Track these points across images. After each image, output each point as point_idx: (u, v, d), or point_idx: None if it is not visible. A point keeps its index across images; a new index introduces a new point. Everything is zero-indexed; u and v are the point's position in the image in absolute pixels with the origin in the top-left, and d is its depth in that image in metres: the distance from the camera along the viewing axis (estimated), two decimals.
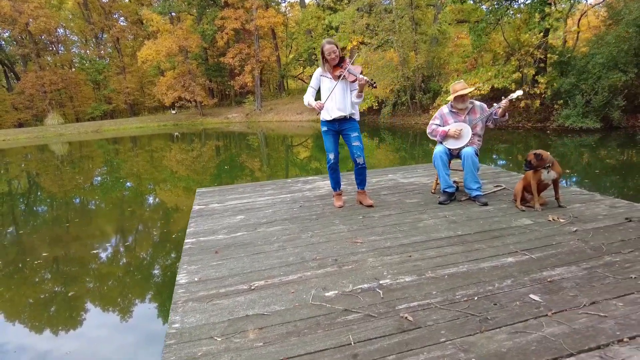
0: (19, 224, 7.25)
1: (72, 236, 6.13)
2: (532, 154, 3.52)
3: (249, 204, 4.50)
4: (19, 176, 13.93)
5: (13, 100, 34.11)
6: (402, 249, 2.99)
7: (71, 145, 23.20)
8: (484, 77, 14.50)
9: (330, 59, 3.76)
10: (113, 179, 12.46)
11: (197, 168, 13.13)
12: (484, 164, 6.18)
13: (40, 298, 4.14)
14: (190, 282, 2.72)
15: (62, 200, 9.34)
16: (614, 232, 3.05)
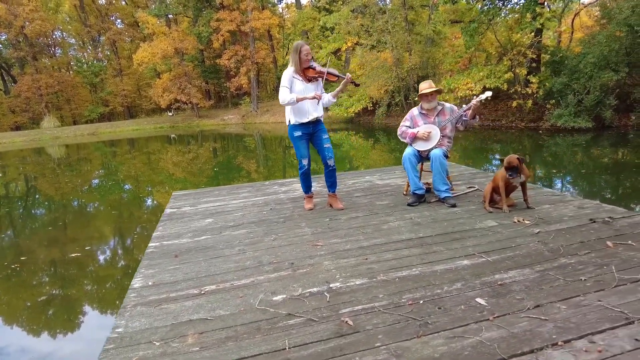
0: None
1: (52, 239, 6.12)
2: (515, 159, 3.42)
3: (221, 207, 4.48)
4: (16, 179, 13.92)
5: (10, 103, 34.17)
6: (360, 251, 2.96)
7: (68, 148, 23.24)
8: (476, 77, 14.48)
9: (306, 59, 3.73)
10: (108, 181, 12.48)
11: (194, 170, 13.15)
12: (463, 164, 6.17)
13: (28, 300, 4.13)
14: (144, 286, 2.70)
15: (55, 202, 9.33)
16: (575, 233, 3.02)
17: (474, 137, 14.75)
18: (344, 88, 3.83)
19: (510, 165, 3.42)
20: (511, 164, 3.42)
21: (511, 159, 3.43)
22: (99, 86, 38.90)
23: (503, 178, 3.55)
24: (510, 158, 3.43)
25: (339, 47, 25.06)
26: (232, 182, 9.63)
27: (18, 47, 33.03)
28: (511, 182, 3.54)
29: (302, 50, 3.69)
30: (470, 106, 3.90)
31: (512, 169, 3.43)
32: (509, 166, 3.43)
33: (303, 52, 3.69)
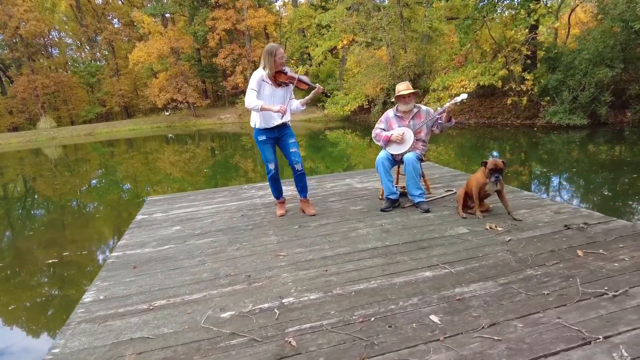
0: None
1: (35, 242, 6.02)
2: (501, 162, 3.30)
3: (192, 213, 4.37)
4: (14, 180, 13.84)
5: (6, 104, 34.12)
6: (322, 262, 2.85)
7: (64, 149, 23.19)
8: (470, 74, 14.32)
9: (280, 63, 3.60)
10: (104, 183, 12.47)
11: (192, 170, 13.12)
12: (459, 162, 6.05)
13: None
14: (94, 301, 2.59)
15: (44, 206, 9.23)
16: (547, 241, 2.90)
17: (470, 135, 14.62)
18: (313, 97, 3.71)
19: (497, 167, 3.28)
20: (497, 166, 3.28)
21: (497, 161, 3.29)
22: (95, 86, 38.81)
23: (478, 184, 3.43)
24: (496, 160, 3.30)
25: (334, 45, 24.90)
26: (230, 181, 9.61)
27: (14, 48, 32.96)
28: (486, 189, 3.41)
29: (277, 53, 3.55)
30: (445, 109, 3.78)
31: (498, 171, 3.29)
32: (495, 168, 3.28)
33: (278, 55, 3.55)
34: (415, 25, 21.05)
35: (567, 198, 6.26)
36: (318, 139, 19.05)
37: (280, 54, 3.55)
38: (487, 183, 3.38)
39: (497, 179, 3.30)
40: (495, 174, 3.29)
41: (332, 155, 13.87)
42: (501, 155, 11.01)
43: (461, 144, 13.42)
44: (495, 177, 3.29)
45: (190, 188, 10.04)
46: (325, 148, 15.73)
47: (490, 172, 3.30)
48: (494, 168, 3.29)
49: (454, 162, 10.70)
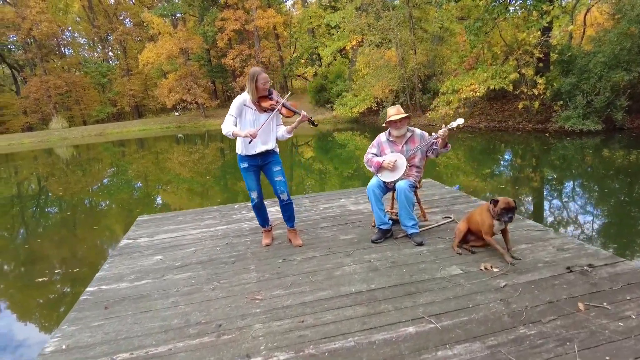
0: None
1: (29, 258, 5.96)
2: (513, 201, 3.03)
3: (177, 238, 4.21)
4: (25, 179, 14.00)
5: (20, 105, 34.64)
6: (300, 309, 2.65)
7: (76, 149, 23.43)
8: (481, 77, 13.93)
9: (263, 88, 3.41)
10: (114, 181, 12.61)
11: (201, 170, 13.19)
12: (469, 167, 5.79)
13: None
14: (56, 351, 2.44)
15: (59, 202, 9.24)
16: (545, 288, 2.65)
17: (481, 138, 14.27)
18: (298, 125, 3.51)
19: (510, 207, 3.01)
20: (510, 206, 3.01)
21: (509, 200, 3.03)
22: (107, 86, 39.15)
23: (486, 225, 3.13)
24: (509, 200, 3.03)
25: (344, 46, 24.61)
26: (240, 182, 9.54)
27: (27, 49, 33.41)
28: (494, 231, 3.14)
29: (259, 78, 3.36)
30: (440, 135, 3.54)
31: (511, 211, 3.02)
32: (508, 207, 3.01)
33: (260, 80, 3.36)
34: (426, 25, 20.64)
35: (575, 217, 5.94)
36: (326, 140, 18.89)
37: (263, 79, 3.36)
38: (494, 224, 3.12)
39: (511, 219, 3.03)
40: (509, 213, 3.02)
41: (340, 157, 13.71)
42: (511, 161, 10.69)
43: (471, 147, 13.09)
44: (509, 217, 3.02)
45: (199, 188, 10.15)
46: (333, 149, 15.58)
47: (503, 212, 3.02)
48: (507, 207, 3.01)
49: (464, 166, 10.43)
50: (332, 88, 25.61)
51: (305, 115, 3.40)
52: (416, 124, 18.62)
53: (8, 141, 27.23)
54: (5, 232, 7.94)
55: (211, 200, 9.00)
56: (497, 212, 3.03)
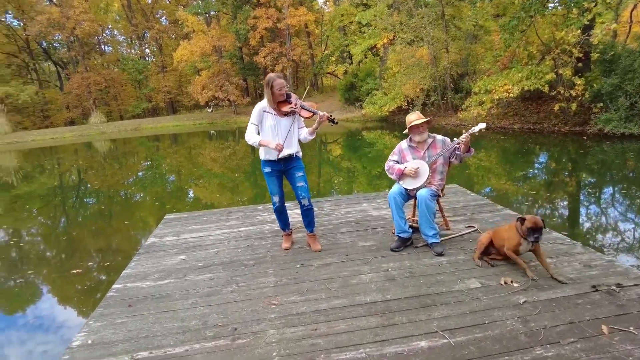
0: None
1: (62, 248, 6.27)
2: (541, 220, 2.92)
3: (202, 238, 4.32)
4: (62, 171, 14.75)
5: (64, 100, 36.36)
6: (314, 317, 2.67)
7: (114, 143, 24.40)
8: (515, 78, 13.49)
9: (279, 94, 3.47)
10: (149, 174, 13.17)
11: (232, 165, 13.54)
12: (501, 169, 5.66)
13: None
14: (82, 346, 2.57)
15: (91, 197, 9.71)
16: (568, 307, 2.57)
17: (514, 140, 13.85)
18: (319, 125, 3.52)
19: (537, 226, 2.90)
20: (538, 225, 2.90)
21: (537, 219, 2.91)
22: (143, 83, 40.45)
23: (512, 244, 3.02)
24: (536, 218, 2.92)
25: (375, 44, 24.39)
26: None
27: (71, 47, 35.00)
28: (521, 251, 3.03)
29: (275, 84, 3.41)
30: (462, 140, 3.47)
31: (539, 230, 2.91)
32: (536, 227, 2.90)
33: (275, 86, 3.41)
34: (460, 23, 20.16)
35: (609, 229, 5.68)
36: (355, 139, 18.86)
37: (278, 85, 3.40)
38: (521, 243, 3.01)
39: (537, 240, 2.92)
40: (535, 233, 2.90)
41: (368, 156, 13.66)
42: (545, 165, 10.33)
43: (504, 149, 12.74)
44: (535, 237, 2.91)
45: (229, 184, 10.41)
46: (362, 148, 15.54)
47: (529, 232, 2.92)
48: (534, 227, 2.90)
49: (495, 168, 10.18)
50: (362, 86, 25.46)
51: (324, 115, 3.41)
52: (447, 124, 18.28)
53: (52, 135, 28.66)
54: (49, 220, 8.42)
55: (240, 196, 9.21)
56: (524, 231, 2.93)
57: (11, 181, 13.70)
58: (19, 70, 38.41)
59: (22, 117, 34.07)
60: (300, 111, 3.47)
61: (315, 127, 3.55)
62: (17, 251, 6.47)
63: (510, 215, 4.34)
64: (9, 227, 8.01)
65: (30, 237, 7.28)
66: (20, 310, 4.56)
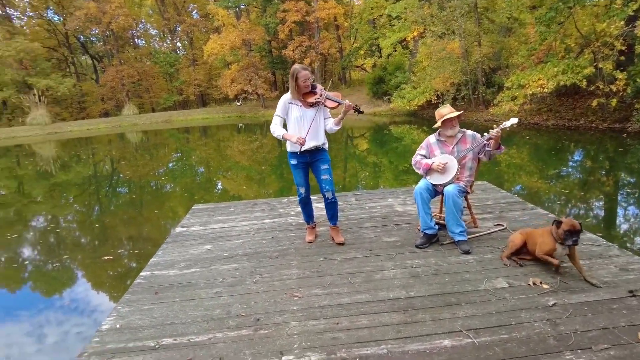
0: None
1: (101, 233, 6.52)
2: (578, 223, 2.80)
3: (227, 229, 4.39)
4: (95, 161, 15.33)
5: (99, 92, 37.64)
6: (335, 311, 2.67)
7: (145, 134, 25.09)
8: (550, 73, 12.98)
9: (304, 85, 3.47)
10: (179, 166, 13.54)
11: (259, 158, 13.74)
12: (533, 166, 5.45)
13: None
14: (110, 329, 2.66)
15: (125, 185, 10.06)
16: (601, 312, 2.46)
17: (548, 137, 13.37)
18: (345, 115, 3.50)
19: (575, 229, 2.78)
20: (575, 228, 2.78)
21: (574, 222, 2.80)
22: (174, 76, 41.32)
23: (546, 248, 2.92)
24: (573, 221, 2.80)
25: (404, 37, 24.00)
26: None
27: (106, 41, 36.15)
28: (555, 256, 2.91)
29: (299, 76, 3.41)
30: (493, 135, 3.37)
31: (576, 233, 2.78)
32: (574, 229, 2.77)
33: (300, 78, 3.41)
34: (493, 15, 19.53)
35: None
36: (382, 133, 18.69)
37: (303, 77, 3.40)
38: (556, 248, 2.89)
39: (575, 243, 2.80)
40: (573, 236, 2.79)
41: (395, 150, 13.52)
42: (581, 163, 9.93)
43: (537, 146, 12.32)
44: (573, 240, 2.79)
45: (256, 176, 10.57)
46: (389, 143, 15.40)
47: (567, 235, 2.80)
48: (572, 230, 2.78)
49: (527, 166, 9.87)
50: (390, 80, 25.13)
51: (349, 104, 3.38)
52: (478, 119, 17.84)
53: (88, 126, 29.75)
54: (83, 208, 8.76)
55: (267, 188, 9.31)
56: (561, 234, 2.82)
57: (50, 170, 14.32)
58: (58, 64, 39.96)
59: (60, 109, 35.49)
60: (325, 101, 3.45)
61: (340, 117, 3.53)
62: (55, 236, 6.76)
63: (541, 214, 4.20)
64: (47, 213, 8.39)
65: (66, 224, 7.59)
66: (56, 292, 4.77)
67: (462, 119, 3.75)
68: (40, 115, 29.54)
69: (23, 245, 6.34)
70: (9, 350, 3.53)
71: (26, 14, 37.52)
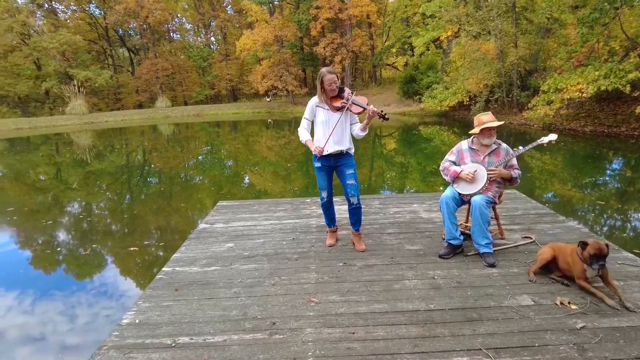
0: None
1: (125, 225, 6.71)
2: (605, 246, 2.64)
3: (250, 228, 4.41)
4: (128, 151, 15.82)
5: (134, 84, 38.79)
6: (352, 320, 2.63)
7: (177, 127, 25.68)
8: (590, 76, 12.41)
9: (330, 89, 3.44)
10: (209, 159, 13.84)
11: (286, 155, 13.86)
12: (567, 174, 5.22)
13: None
14: (130, 324, 2.72)
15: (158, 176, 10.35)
16: (635, 340, 2.31)
17: (584, 144, 12.82)
18: (370, 121, 3.44)
19: (601, 253, 2.62)
20: (602, 252, 2.61)
21: (601, 244, 2.63)
22: (206, 70, 42.05)
23: (575, 268, 2.79)
24: (600, 243, 2.63)
25: (438, 36, 23.53)
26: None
27: (143, 35, 37.18)
28: (587, 276, 2.78)
29: (325, 80, 3.39)
30: (526, 149, 3.23)
31: (602, 257, 2.63)
32: (600, 253, 2.61)
33: (325, 82, 3.39)
34: (532, 15, 18.85)
35: None
36: (411, 133, 18.44)
37: (328, 80, 3.36)
38: (585, 268, 2.76)
39: (602, 267, 2.65)
40: (599, 261, 2.63)
41: (424, 152, 13.31)
42: (620, 172, 9.45)
43: (572, 153, 11.83)
44: (599, 264, 2.64)
45: (283, 172, 10.66)
46: (418, 143, 15.18)
47: (592, 259, 2.65)
48: (598, 254, 2.63)
49: (561, 173, 9.50)
50: (422, 79, 24.71)
51: (373, 110, 3.32)
52: (511, 123, 17.30)
53: (122, 117, 30.69)
54: (115, 196, 9.05)
55: (292, 184, 9.36)
56: (586, 257, 2.67)
57: (86, 158, 14.85)
58: (97, 56, 41.37)
59: (98, 99, 36.76)
60: (350, 106, 3.41)
61: (366, 122, 3.48)
62: (88, 224, 7.00)
63: (572, 228, 4.01)
64: (81, 200, 8.69)
65: (99, 211, 7.86)
66: (85, 277, 4.93)
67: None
68: (79, 105, 30.68)
69: (57, 231, 6.61)
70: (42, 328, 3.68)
71: (70, 8, 39.02)
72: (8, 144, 19.37)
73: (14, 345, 3.49)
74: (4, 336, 3.60)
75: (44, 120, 28.14)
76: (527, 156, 10.63)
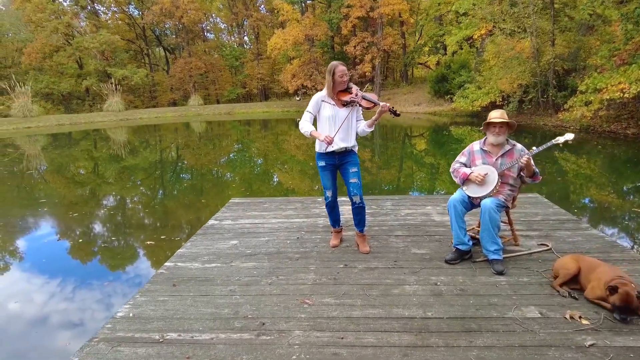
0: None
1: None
2: (636, 297, 2.36)
3: (257, 225, 4.39)
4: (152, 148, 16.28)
5: (169, 82, 39.92)
6: (344, 324, 2.53)
7: (209, 124, 26.23)
8: (634, 76, 11.67)
9: (341, 81, 3.36)
10: (239, 157, 14.13)
11: (312, 154, 13.89)
12: (590, 182, 4.91)
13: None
14: (123, 317, 2.73)
15: None
16: None
17: (626, 147, 12.06)
18: (379, 117, 3.32)
19: (628, 307, 2.36)
20: (630, 305, 2.35)
21: (631, 296, 2.35)
22: (238, 69, 42.70)
23: (599, 295, 2.57)
24: (630, 295, 2.35)
25: (471, 34, 22.85)
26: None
27: (178, 34, 38.18)
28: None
29: (337, 71, 3.30)
30: (522, 163, 3.05)
31: (630, 312, 2.38)
32: (627, 307, 2.36)
33: (337, 73, 3.30)
34: (572, 11, 17.95)
35: None
36: (441, 133, 18.05)
37: (340, 72, 3.27)
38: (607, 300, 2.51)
39: (624, 320, 2.39)
40: (622, 314, 2.38)
41: (455, 152, 12.94)
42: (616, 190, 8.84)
43: (612, 156, 11.18)
44: (621, 317, 2.39)
45: (310, 171, 10.67)
46: (448, 144, 14.82)
47: (617, 310, 2.41)
48: (625, 307, 2.37)
49: (598, 177, 8.98)
50: (454, 78, 24.09)
51: (385, 105, 3.21)
52: (546, 124, 16.57)
53: (156, 114, 31.63)
54: (148, 191, 9.29)
55: (318, 183, 9.32)
56: (612, 303, 2.43)
57: (121, 154, 15.37)
58: (134, 55, 42.81)
59: (134, 97, 38.07)
60: (360, 101, 3.31)
61: (374, 118, 3.36)
62: (121, 216, 7.21)
63: (595, 236, 3.74)
64: (116, 194, 8.96)
65: (132, 205, 8.10)
66: (101, 267, 5.03)
67: (517, 129, 3.40)
68: (116, 103, 31.83)
69: (93, 223, 6.80)
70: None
71: (111, 9, 40.60)
72: (52, 139, 20.33)
73: (46, 327, 3.58)
74: (21, 318, 3.71)
75: (83, 117, 29.38)
76: (562, 159, 10.12)
